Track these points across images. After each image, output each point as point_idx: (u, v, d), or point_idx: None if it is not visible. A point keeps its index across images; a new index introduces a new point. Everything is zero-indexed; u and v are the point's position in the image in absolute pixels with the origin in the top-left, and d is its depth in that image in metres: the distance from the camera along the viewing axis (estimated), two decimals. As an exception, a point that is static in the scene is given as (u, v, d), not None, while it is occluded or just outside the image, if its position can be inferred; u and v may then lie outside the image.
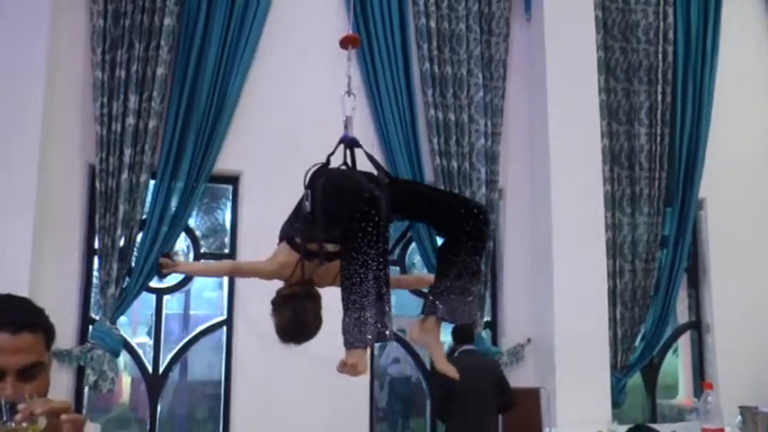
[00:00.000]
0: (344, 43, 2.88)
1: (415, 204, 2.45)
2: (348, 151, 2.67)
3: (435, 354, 2.33)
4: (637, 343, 5.24)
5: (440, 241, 2.47)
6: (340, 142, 2.64)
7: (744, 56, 5.84)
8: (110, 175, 4.46)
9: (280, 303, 2.46)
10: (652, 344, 5.25)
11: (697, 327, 5.64)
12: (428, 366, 2.82)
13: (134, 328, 7.69)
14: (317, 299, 2.51)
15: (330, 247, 2.41)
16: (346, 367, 2.10)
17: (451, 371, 2.31)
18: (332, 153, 2.59)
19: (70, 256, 4.51)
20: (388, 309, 2.12)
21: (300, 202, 2.48)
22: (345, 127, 2.71)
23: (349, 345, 2.11)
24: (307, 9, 5.04)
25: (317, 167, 2.50)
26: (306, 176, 2.46)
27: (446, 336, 4.39)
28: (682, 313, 5.78)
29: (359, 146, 2.68)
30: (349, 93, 2.73)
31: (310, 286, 2.49)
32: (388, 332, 2.10)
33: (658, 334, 5.27)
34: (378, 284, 2.10)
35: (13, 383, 1.20)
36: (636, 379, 5.32)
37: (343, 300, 2.17)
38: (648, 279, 5.25)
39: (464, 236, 2.26)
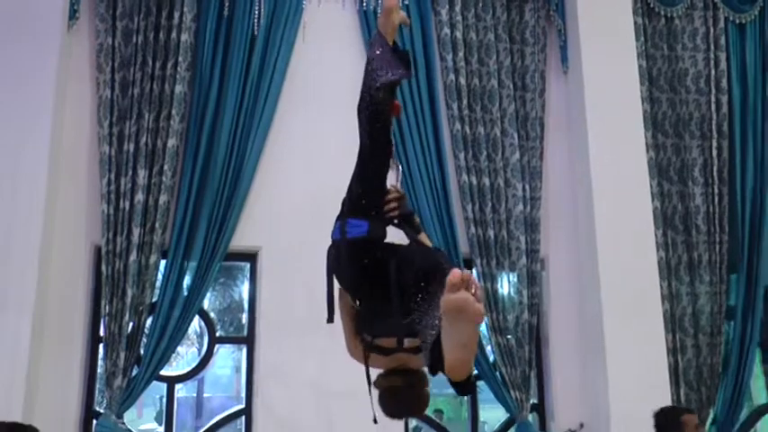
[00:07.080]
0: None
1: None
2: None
3: None
4: (707, 427, 4.70)
5: None
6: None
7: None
8: (117, 257, 4.20)
9: (382, 395, 2.23)
10: (725, 428, 4.70)
11: (778, 409, 5.03)
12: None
13: (139, 410, 7.20)
14: (419, 383, 2.23)
15: (408, 343, 2.15)
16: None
17: None
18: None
19: (73, 345, 4.22)
20: None
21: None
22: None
23: None
24: (324, 75, 4.76)
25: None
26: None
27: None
28: (758, 393, 5.20)
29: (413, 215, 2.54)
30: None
31: (410, 375, 2.22)
32: None
33: (732, 417, 4.72)
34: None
35: None
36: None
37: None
38: (715, 355, 4.73)
39: None
